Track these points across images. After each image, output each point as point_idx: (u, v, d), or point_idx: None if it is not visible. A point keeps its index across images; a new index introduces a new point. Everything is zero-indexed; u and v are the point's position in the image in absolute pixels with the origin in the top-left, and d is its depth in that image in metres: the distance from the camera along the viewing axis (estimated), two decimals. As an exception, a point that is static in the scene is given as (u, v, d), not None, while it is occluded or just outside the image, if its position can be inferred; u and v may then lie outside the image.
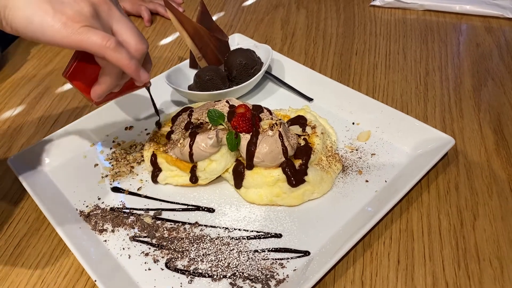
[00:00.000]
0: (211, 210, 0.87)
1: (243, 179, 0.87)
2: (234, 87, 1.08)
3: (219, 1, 1.67)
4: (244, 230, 0.83)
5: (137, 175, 0.96)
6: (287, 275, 0.75)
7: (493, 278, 0.74)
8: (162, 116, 1.02)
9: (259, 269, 0.76)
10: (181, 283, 0.75)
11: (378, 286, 0.74)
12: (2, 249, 0.85)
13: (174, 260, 0.79)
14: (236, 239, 0.81)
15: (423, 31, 1.38)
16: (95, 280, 0.73)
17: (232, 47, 1.21)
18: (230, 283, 0.74)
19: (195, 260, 0.78)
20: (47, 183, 0.95)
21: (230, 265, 0.77)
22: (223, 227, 0.84)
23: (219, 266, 0.77)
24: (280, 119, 0.91)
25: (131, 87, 0.81)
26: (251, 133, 0.87)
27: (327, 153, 0.93)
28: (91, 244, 0.82)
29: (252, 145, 0.85)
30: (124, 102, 1.11)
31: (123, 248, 0.82)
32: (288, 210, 0.86)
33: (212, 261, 0.78)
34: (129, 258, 0.80)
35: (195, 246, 0.80)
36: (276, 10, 1.57)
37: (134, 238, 0.83)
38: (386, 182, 0.89)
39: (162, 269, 0.78)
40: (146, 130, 1.08)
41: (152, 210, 0.88)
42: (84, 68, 0.74)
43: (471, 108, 1.08)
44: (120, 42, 0.66)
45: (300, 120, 0.97)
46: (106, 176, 0.96)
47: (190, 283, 0.75)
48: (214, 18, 1.51)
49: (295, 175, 0.85)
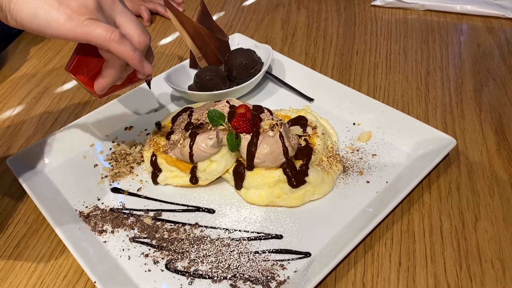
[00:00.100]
0: (211, 211, 0.87)
1: (243, 179, 0.87)
2: (235, 87, 1.07)
3: (219, 1, 1.67)
4: (244, 231, 0.83)
5: (137, 175, 0.96)
6: (288, 276, 0.74)
7: (495, 280, 0.73)
8: (162, 117, 1.01)
9: (260, 270, 0.75)
10: (181, 285, 0.75)
11: (379, 287, 0.74)
12: (1, 249, 0.85)
13: (174, 261, 0.78)
14: (236, 240, 0.81)
15: (424, 31, 1.38)
16: (95, 282, 0.72)
17: (232, 47, 1.20)
18: (231, 285, 0.74)
19: (196, 261, 0.78)
20: (47, 183, 0.94)
21: (230, 266, 0.76)
22: (223, 228, 0.83)
23: (219, 267, 0.76)
24: (280, 120, 0.91)
25: (133, 79, 0.82)
26: (251, 133, 0.86)
27: (328, 153, 0.92)
28: (91, 245, 0.81)
29: (252, 145, 0.85)
30: (124, 102, 1.10)
31: (123, 249, 0.81)
32: (289, 211, 0.86)
33: (212, 262, 0.77)
34: (129, 259, 0.80)
35: (195, 247, 0.80)
36: (276, 10, 1.57)
37: (134, 239, 0.83)
38: (387, 183, 0.89)
39: (162, 270, 0.77)
40: (146, 130, 1.07)
41: (152, 211, 0.88)
42: (87, 62, 0.75)
43: (472, 109, 1.07)
44: (124, 35, 0.67)
45: (300, 121, 0.96)
46: (106, 176, 0.96)
47: (191, 284, 0.75)
48: (214, 18, 1.51)
49: (296, 176, 0.84)
